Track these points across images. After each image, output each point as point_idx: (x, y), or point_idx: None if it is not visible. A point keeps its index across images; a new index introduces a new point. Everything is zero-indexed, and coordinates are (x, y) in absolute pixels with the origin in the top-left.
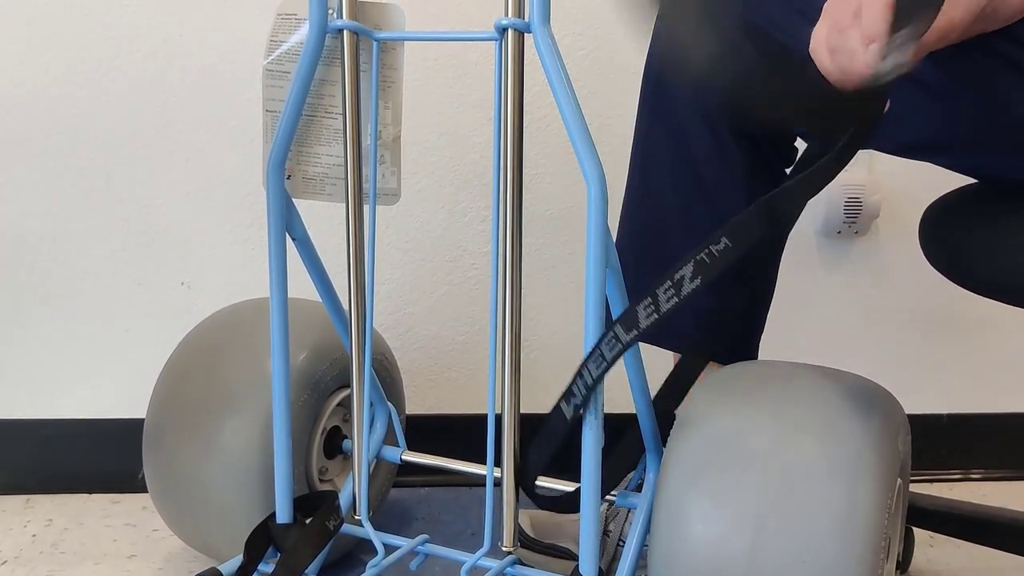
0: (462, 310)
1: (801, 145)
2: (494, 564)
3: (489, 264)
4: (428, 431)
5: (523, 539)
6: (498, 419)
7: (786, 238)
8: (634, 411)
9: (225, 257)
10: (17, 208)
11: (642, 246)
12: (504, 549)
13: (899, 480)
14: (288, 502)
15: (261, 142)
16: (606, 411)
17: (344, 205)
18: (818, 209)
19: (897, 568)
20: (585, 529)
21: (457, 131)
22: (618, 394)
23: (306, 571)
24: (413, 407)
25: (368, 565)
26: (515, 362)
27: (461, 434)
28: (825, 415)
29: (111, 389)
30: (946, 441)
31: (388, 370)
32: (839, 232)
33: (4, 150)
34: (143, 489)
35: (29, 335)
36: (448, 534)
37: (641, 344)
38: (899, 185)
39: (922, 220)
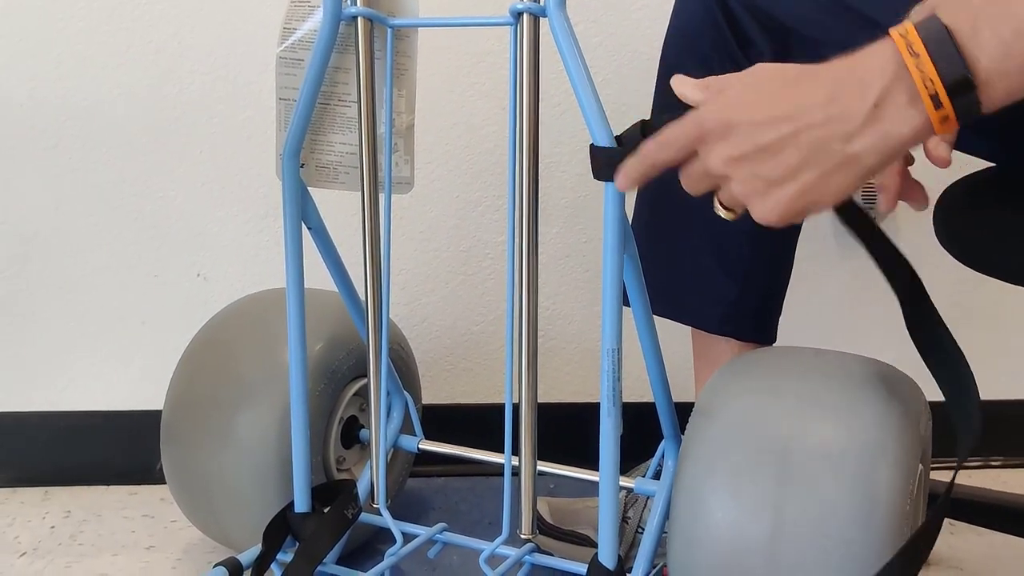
0: (477, 300)
1: None
2: (512, 552)
3: (504, 253)
4: (444, 421)
5: (541, 526)
6: (515, 408)
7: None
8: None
9: (241, 248)
10: (31, 203)
11: (657, 230)
12: (522, 537)
13: (920, 466)
14: (306, 491)
15: (275, 131)
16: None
17: (358, 194)
18: None
19: None
20: (604, 517)
21: (471, 120)
22: (634, 382)
23: (324, 560)
24: (429, 397)
25: (386, 553)
26: (532, 351)
27: (477, 423)
28: (845, 401)
29: (128, 381)
30: None
31: (404, 360)
32: None
33: (17, 145)
34: (161, 481)
35: (45, 329)
36: (466, 523)
37: (658, 331)
38: (918, 171)
39: (936, 205)
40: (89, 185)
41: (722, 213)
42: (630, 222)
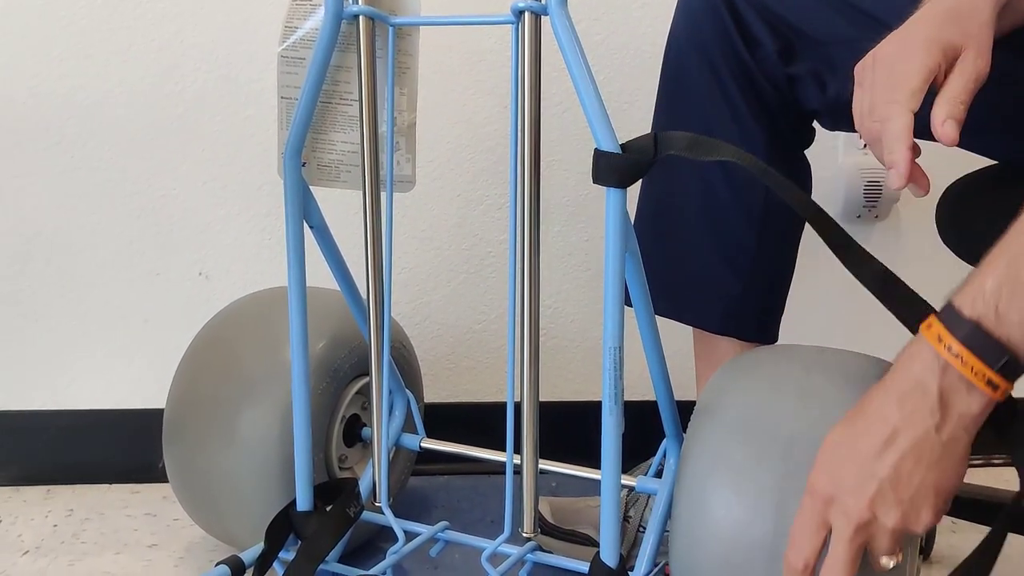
0: (479, 299)
1: (818, 127)
2: (514, 550)
3: (506, 252)
4: (446, 419)
5: (543, 525)
6: (517, 406)
7: (804, 221)
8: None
9: (243, 247)
10: (33, 201)
11: (660, 227)
12: (524, 535)
13: None
14: (308, 490)
15: (276, 130)
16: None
17: (360, 192)
18: (838, 194)
19: (920, 554)
20: (606, 516)
21: (472, 119)
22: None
23: (327, 558)
24: (431, 396)
25: (388, 552)
26: (534, 349)
27: (479, 422)
28: (849, 398)
29: (130, 379)
30: None
31: (406, 358)
32: (859, 216)
33: (19, 143)
34: (163, 479)
35: (48, 327)
36: (467, 522)
37: (660, 329)
38: (925, 162)
39: (939, 202)
40: (91, 183)
41: (890, 563)
42: (633, 220)
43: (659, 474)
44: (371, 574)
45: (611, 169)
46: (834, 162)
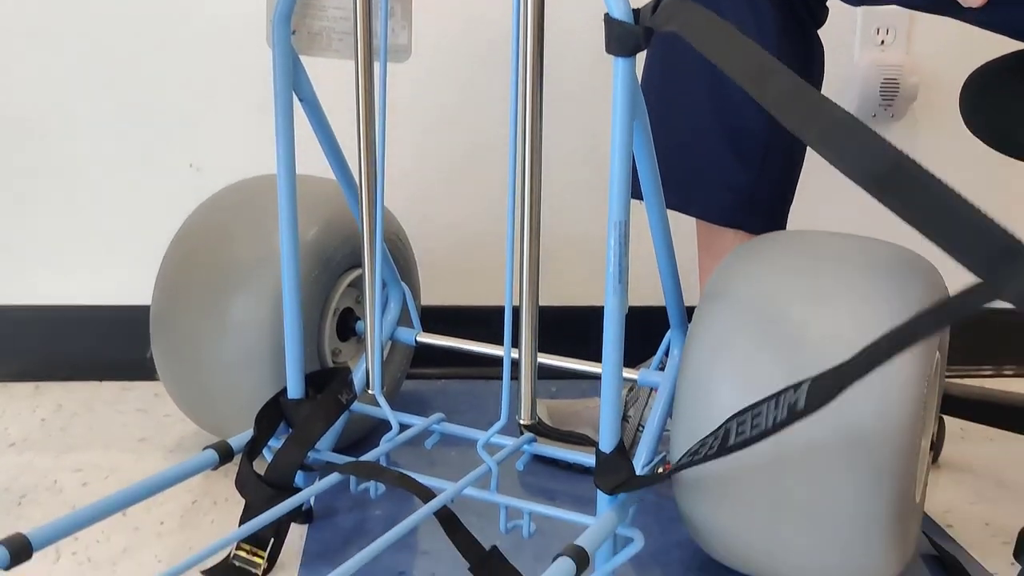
0: (480, 197)
1: (833, 3)
2: (511, 441)
3: (507, 149)
4: (444, 322)
5: (540, 427)
6: (516, 310)
7: None
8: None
9: (235, 138)
10: (20, 91)
11: (663, 116)
12: (521, 423)
13: (937, 353)
14: (299, 376)
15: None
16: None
17: (353, 62)
18: (853, 91)
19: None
20: (606, 401)
21: (472, 6)
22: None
23: (318, 447)
24: (428, 298)
25: (382, 440)
26: (534, 252)
27: (478, 326)
28: (861, 281)
29: (121, 274)
30: (980, 336)
31: (402, 251)
32: (874, 116)
33: (10, 34)
34: (154, 376)
35: (37, 220)
36: (464, 422)
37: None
38: (937, 67)
39: (964, 86)
40: (83, 73)
41: None
42: None
43: (662, 368)
44: (364, 460)
45: (623, 37)
46: (850, 59)
